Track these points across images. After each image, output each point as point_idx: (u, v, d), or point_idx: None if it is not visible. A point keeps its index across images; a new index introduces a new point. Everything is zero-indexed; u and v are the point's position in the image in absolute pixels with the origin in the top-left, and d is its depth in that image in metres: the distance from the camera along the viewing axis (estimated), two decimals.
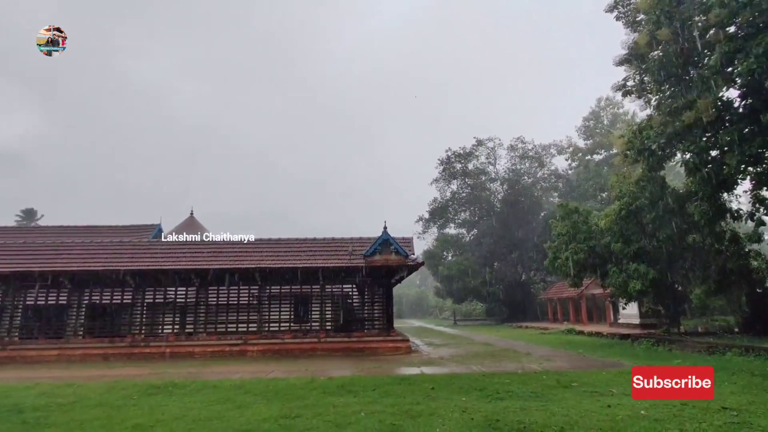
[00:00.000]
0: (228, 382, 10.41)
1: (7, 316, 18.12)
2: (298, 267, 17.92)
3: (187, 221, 35.52)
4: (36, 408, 7.86)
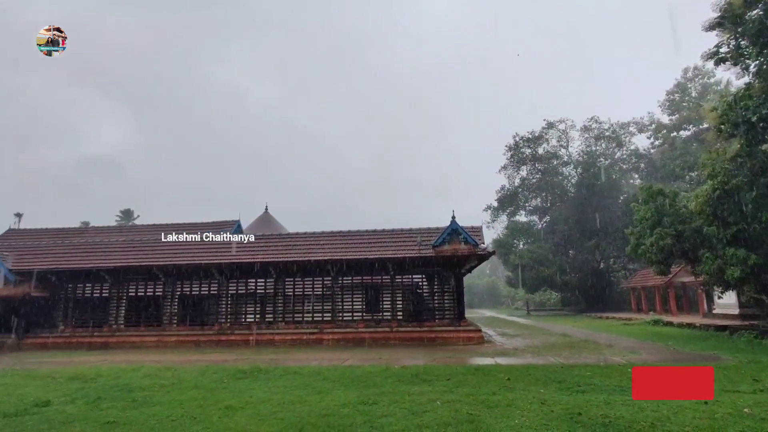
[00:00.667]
0: (307, 369, 10.93)
1: (114, 306, 20.27)
2: (368, 258, 18.29)
3: (262, 216, 37.50)
4: (143, 388, 8.76)
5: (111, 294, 20.39)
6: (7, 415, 6.65)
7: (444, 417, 6.05)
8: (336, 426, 5.75)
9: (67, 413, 6.84)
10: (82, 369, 11.56)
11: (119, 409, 7.11)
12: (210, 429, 5.76)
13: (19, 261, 19.96)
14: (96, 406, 7.35)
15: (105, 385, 9.08)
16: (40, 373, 11.08)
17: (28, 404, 7.37)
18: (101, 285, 20.51)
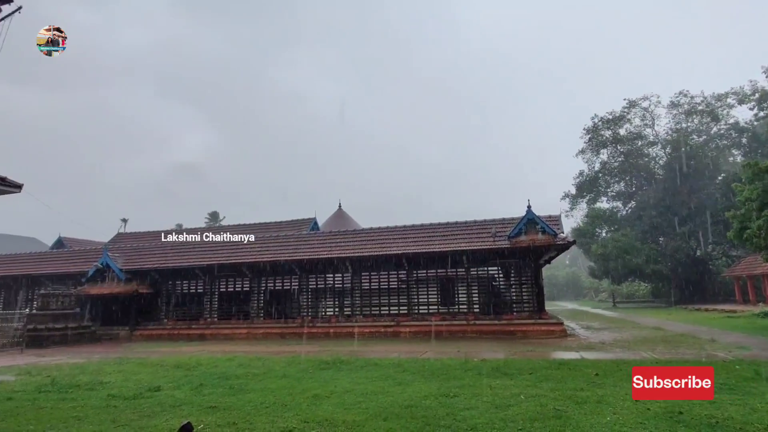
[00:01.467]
0: (387, 361, 11.16)
1: (207, 301, 22.02)
2: (442, 251, 18.23)
3: (336, 213, 38.64)
4: (237, 376, 9.45)
5: (205, 289, 22.17)
6: (127, 398, 7.50)
7: (529, 411, 5.92)
8: (419, 417, 5.85)
9: (175, 397, 7.57)
10: (184, 358, 12.70)
11: (219, 395, 7.74)
12: (300, 416, 6.09)
13: (127, 261, 22.31)
14: (199, 391, 8.05)
15: (205, 373, 9.91)
16: (149, 361, 12.34)
17: (143, 389, 8.25)
18: (196, 281, 22.36)
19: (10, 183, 10.42)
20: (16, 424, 5.96)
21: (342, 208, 39.23)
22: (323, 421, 5.76)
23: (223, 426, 5.69)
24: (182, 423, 5.52)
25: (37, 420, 6.21)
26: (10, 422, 6.09)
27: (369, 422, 5.66)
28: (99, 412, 6.58)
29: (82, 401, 7.36)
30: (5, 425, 5.93)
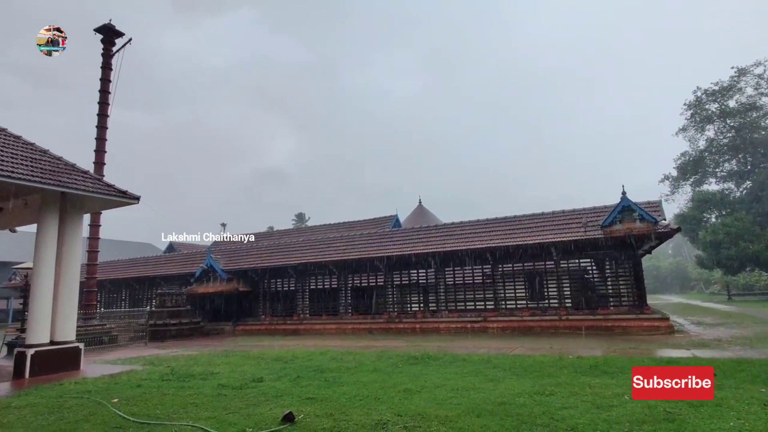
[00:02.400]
0: (476, 357, 11.00)
1: (299, 298, 23.24)
2: (528, 243, 17.55)
3: (417, 210, 38.80)
4: (331, 370, 9.88)
5: (296, 287, 23.42)
6: (234, 388, 8.17)
7: (636, 413, 5.51)
8: (513, 415, 5.70)
9: (276, 388, 8.09)
10: (282, 352, 13.54)
11: (315, 387, 8.15)
12: (393, 409, 6.22)
13: (228, 262, 24.24)
14: (297, 383, 8.54)
15: (301, 366, 10.48)
16: (251, 354, 13.32)
17: (248, 380, 8.93)
18: (289, 280, 23.69)
19: (131, 196, 11.80)
20: (146, 408, 6.76)
21: (422, 204, 39.32)
22: (416, 415, 5.84)
23: (321, 416, 5.99)
24: (284, 412, 5.91)
25: (162, 405, 6.99)
26: (141, 406, 6.92)
27: (462, 418, 5.63)
28: (212, 400, 7.24)
29: (197, 389, 8.13)
30: (137, 408, 6.74)
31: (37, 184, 10.18)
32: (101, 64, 19.16)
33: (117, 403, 7.06)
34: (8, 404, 7.34)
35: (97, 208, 13.79)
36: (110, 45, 19.36)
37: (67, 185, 10.73)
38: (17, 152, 10.78)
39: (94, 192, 11.29)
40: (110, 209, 13.70)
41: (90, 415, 6.45)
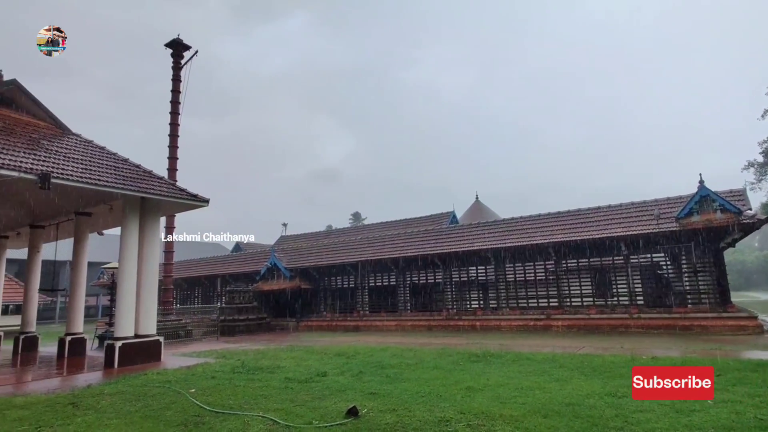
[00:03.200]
0: (540, 355, 10.67)
1: (359, 295, 23.64)
2: (594, 238, 16.73)
3: (474, 205, 38.18)
4: (392, 366, 9.97)
5: (356, 284, 23.84)
6: (300, 381, 8.48)
7: (722, 419, 5.11)
8: (583, 416, 5.47)
9: (340, 383, 8.30)
10: (344, 347, 13.85)
11: (377, 382, 8.26)
12: (456, 407, 6.18)
13: (290, 260, 25.13)
14: (359, 378, 8.71)
15: (363, 362, 10.67)
16: (314, 349, 13.74)
17: (312, 374, 9.23)
18: (348, 277, 24.16)
19: (201, 199, 12.55)
20: (220, 398, 7.18)
21: (479, 200, 38.64)
22: (479, 414, 5.77)
23: (384, 411, 6.07)
24: (349, 406, 6.06)
25: (234, 396, 7.39)
26: (215, 396, 7.36)
27: (528, 418, 5.49)
28: (279, 392, 7.55)
29: (266, 382, 8.52)
30: (212, 399, 7.18)
31: (121, 191, 11.09)
32: (171, 77, 20.52)
33: (194, 393, 7.55)
34: (101, 391, 8.07)
35: (171, 211, 14.80)
36: (179, 58, 20.68)
37: (146, 191, 11.61)
38: (102, 162, 11.80)
39: (169, 196, 12.13)
40: (183, 212, 14.67)
41: (171, 404, 6.95)
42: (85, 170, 10.86)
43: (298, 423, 5.64)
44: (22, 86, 12.37)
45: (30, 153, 10.33)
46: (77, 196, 12.12)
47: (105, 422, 5.94)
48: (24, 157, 9.98)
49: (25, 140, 10.90)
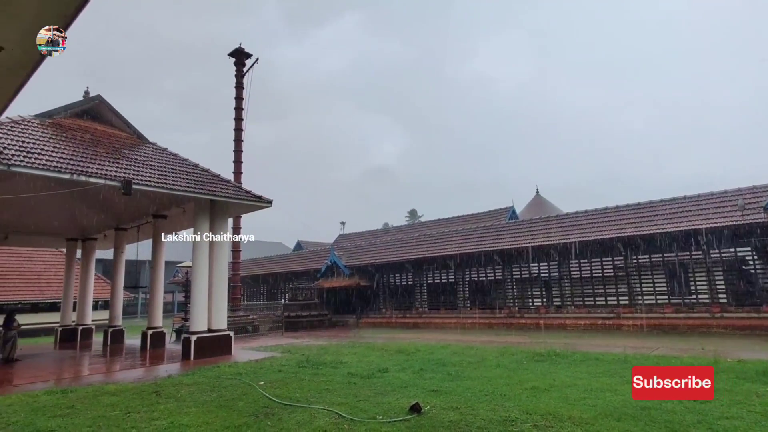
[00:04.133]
0: (610, 356, 10.15)
1: (417, 292, 23.65)
2: (669, 232, 15.65)
3: (534, 200, 36.95)
4: (453, 364, 9.90)
5: (414, 282, 23.88)
6: (362, 377, 8.64)
7: None
8: (660, 421, 5.15)
9: (401, 379, 8.36)
10: (404, 344, 13.92)
11: (438, 380, 8.24)
12: (521, 407, 6.03)
13: (349, 258, 25.63)
14: (420, 375, 8.73)
15: (423, 359, 10.68)
16: (375, 345, 13.93)
17: (374, 370, 9.37)
18: (406, 274, 24.25)
19: (265, 200, 13.11)
20: (287, 391, 7.48)
21: (540, 194, 37.33)
22: (546, 415, 5.59)
23: (447, 409, 6.05)
24: (411, 403, 6.09)
25: (300, 389, 7.67)
26: (283, 389, 7.67)
27: (598, 421, 5.25)
28: (343, 387, 7.74)
29: (329, 377, 8.76)
30: (279, 391, 7.49)
31: (192, 194, 11.84)
32: (235, 84, 21.56)
33: (263, 386, 7.92)
34: (180, 381, 8.67)
35: (238, 212, 15.59)
36: (241, 66, 21.68)
37: (215, 194, 12.31)
38: (176, 168, 12.65)
39: (236, 198, 12.79)
40: (248, 213, 15.40)
41: (242, 395, 7.33)
42: (161, 176, 11.69)
43: (363, 417, 5.76)
44: (105, 101, 13.53)
45: (114, 162, 11.28)
46: (155, 200, 13.07)
47: (185, 410, 6.38)
48: (109, 165, 10.92)
49: (110, 150, 11.91)
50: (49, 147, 10.42)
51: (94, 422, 5.87)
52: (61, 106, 12.63)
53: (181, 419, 5.85)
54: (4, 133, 10.02)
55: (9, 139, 9.89)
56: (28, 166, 9.23)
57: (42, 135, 10.92)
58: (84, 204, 14.34)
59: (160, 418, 5.95)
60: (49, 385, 8.80)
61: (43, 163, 9.53)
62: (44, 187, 9.97)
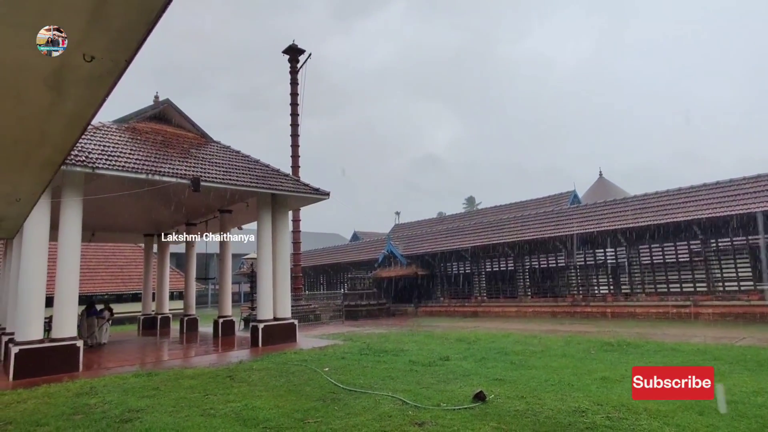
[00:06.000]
0: (688, 346, 9.53)
1: (476, 280, 23.34)
2: (753, 212, 14.33)
3: (597, 183, 35.15)
4: (516, 353, 9.71)
5: (472, 270, 23.57)
6: (424, 365, 8.69)
7: None
8: (750, 416, 4.79)
9: (463, 367, 8.32)
10: (464, 333, 13.83)
11: (501, 368, 8.12)
12: (591, 398, 5.82)
13: (405, 247, 25.73)
14: (483, 364, 8.64)
15: (485, 348, 10.56)
16: (435, 334, 13.94)
17: (435, 358, 9.39)
18: (464, 263, 23.98)
19: (323, 192, 13.42)
20: (351, 377, 7.68)
21: (603, 177, 35.43)
22: (619, 406, 5.36)
23: (512, 398, 5.95)
24: (475, 391, 6.05)
25: (363, 375, 7.85)
26: (347, 375, 7.89)
27: (678, 414, 4.97)
28: (405, 374, 7.83)
29: (391, 364, 8.89)
30: (344, 377, 7.71)
31: (255, 189, 12.35)
32: (290, 81, 22.13)
33: (328, 372, 8.18)
34: (251, 367, 9.15)
35: (298, 205, 16.09)
36: (295, 62, 22.20)
37: (275, 188, 12.77)
38: (239, 164, 13.23)
39: (295, 191, 13.20)
40: (306, 205, 15.85)
41: (309, 380, 7.62)
42: (226, 173, 12.28)
43: (427, 404, 5.80)
44: (173, 104, 14.37)
45: (183, 161, 11.98)
46: (221, 196, 13.77)
47: (257, 394, 6.73)
48: (179, 165, 11.62)
49: (179, 150, 12.66)
50: (127, 150, 11.25)
51: (178, 403, 6.34)
52: (134, 111, 13.56)
53: (254, 402, 6.19)
54: (88, 139, 10.92)
55: (93, 144, 10.77)
56: (110, 168, 10.03)
57: (120, 139, 11.80)
58: (158, 202, 15.38)
59: (235, 401, 6.32)
60: (136, 369, 9.60)
61: (122, 165, 10.31)
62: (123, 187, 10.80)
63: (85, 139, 10.76)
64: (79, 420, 5.71)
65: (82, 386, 7.74)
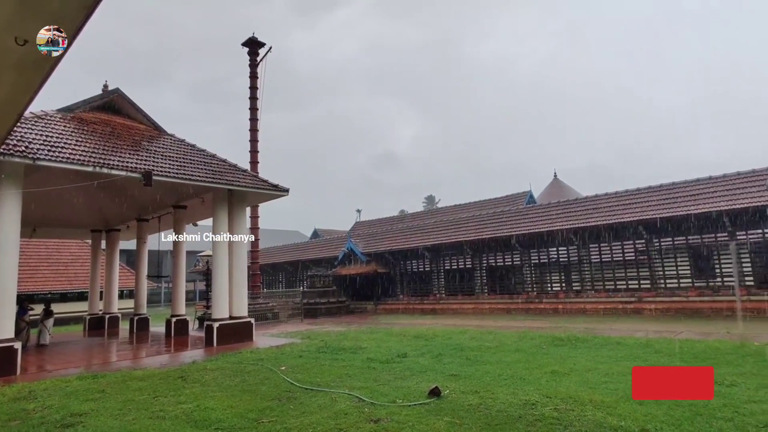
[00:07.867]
0: (631, 340, 10.06)
1: (435, 278, 23.66)
2: (692, 213, 15.28)
3: (552, 184, 36.46)
4: (471, 348, 9.93)
5: (431, 268, 23.87)
6: (382, 362, 8.73)
7: None
8: (685, 405, 5.07)
9: (420, 364, 8.43)
10: (422, 330, 13.99)
11: (457, 364, 8.28)
12: (540, 391, 6.03)
13: (365, 245, 25.73)
14: (439, 360, 8.78)
15: (442, 344, 10.73)
16: (393, 331, 14.03)
17: (393, 355, 9.45)
18: (423, 261, 24.25)
19: (281, 189, 13.20)
20: (308, 376, 7.61)
21: (558, 178, 36.81)
22: (567, 398, 5.58)
23: (466, 393, 6.08)
24: (431, 387, 6.15)
25: (320, 373, 7.79)
26: (304, 374, 7.81)
27: (620, 404, 5.22)
28: (362, 372, 7.84)
29: (349, 362, 8.88)
30: (301, 376, 7.63)
31: (211, 184, 11.99)
32: (249, 74, 21.60)
33: (285, 371, 8.07)
34: (204, 367, 8.90)
35: (256, 201, 15.75)
36: (255, 55, 21.70)
37: (232, 183, 12.45)
38: (194, 158, 12.81)
39: (253, 187, 12.92)
40: (265, 202, 15.55)
41: (265, 380, 7.49)
42: (180, 167, 11.86)
43: (383, 401, 5.83)
44: (124, 94, 13.72)
45: (134, 154, 11.47)
46: (174, 191, 13.29)
47: (210, 394, 6.55)
48: (129, 157, 11.11)
49: (130, 142, 12.11)
50: (72, 140, 10.64)
51: (124, 405, 6.07)
52: (81, 100, 12.85)
53: (206, 403, 6.01)
54: (29, 128, 10.26)
55: (33, 134, 10.12)
56: (53, 160, 9.46)
57: (64, 129, 11.15)
58: (107, 196, 14.66)
59: (186, 402, 6.12)
60: (80, 371, 9.13)
61: (66, 157, 9.75)
62: (68, 180, 10.21)
63: (25, 128, 10.10)
64: (16, 426, 5.37)
65: (19, 390, 7.28)
